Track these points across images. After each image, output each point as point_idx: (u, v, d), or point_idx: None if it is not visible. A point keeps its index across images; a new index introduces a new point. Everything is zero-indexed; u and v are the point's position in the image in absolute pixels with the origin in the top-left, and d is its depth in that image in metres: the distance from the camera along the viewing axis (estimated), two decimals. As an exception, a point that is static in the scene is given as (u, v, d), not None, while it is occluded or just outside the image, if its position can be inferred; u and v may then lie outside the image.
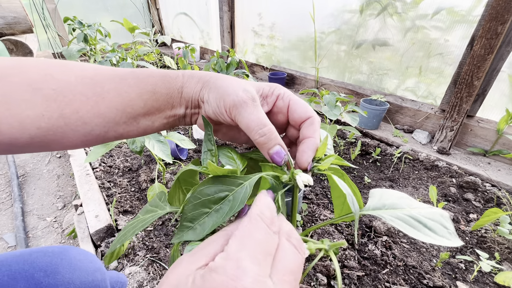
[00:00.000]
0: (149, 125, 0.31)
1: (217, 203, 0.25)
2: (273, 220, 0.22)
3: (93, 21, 2.21)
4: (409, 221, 0.29)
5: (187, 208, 0.25)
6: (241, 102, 0.27)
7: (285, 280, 0.19)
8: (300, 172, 0.28)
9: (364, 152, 1.47)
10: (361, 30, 1.74)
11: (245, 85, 0.29)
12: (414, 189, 1.21)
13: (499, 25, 1.13)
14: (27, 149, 0.27)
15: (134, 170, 1.35)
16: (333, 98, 1.18)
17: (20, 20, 2.21)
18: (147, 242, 0.94)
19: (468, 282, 0.83)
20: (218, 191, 0.26)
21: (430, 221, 0.29)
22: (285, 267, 0.19)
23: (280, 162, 0.28)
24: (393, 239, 0.95)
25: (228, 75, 0.31)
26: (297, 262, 0.20)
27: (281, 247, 0.21)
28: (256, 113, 0.28)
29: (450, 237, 0.27)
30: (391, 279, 0.82)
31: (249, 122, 0.27)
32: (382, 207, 0.32)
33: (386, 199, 0.33)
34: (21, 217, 1.21)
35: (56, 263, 0.45)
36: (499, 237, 0.95)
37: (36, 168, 1.60)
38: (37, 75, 0.26)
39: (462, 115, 1.34)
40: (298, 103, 0.31)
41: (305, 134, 0.30)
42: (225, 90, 0.28)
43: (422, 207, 0.31)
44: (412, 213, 0.30)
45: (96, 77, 0.28)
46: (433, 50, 1.47)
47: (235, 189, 0.25)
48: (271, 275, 0.18)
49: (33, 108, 0.25)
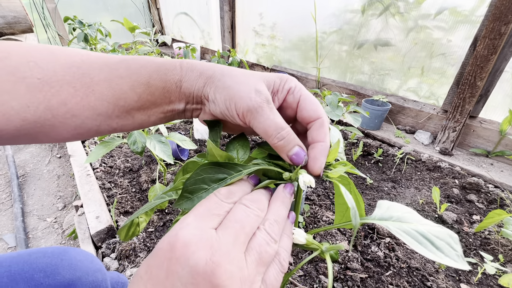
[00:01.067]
0: (145, 119, 0.30)
1: (216, 183, 0.28)
2: (228, 194, 0.25)
3: (93, 21, 2.20)
4: (416, 236, 0.28)
5: (189, 181, 0.28)
6: (255, 107, 0.26)
7: (227, 226, 0.22)
8: (303, 172, 0.28)
9: (366, 153, 1.47)
10: (363, 30, 1.73)
11: (256, 84, 0.27)
12: (417, 190, 1.21)
13: (503, 25, 1.12)
14: (15, 140, 0.26)
15: (135, 171, 1.34)
16: (335, 99, 1.17)
17: (20, 19, 2.20)
18: (148, 243, 0.94)
19: (472, 284, 0.82)
20: (218, 172, 0.28)
21: (438, 239, 0.28)
22: (229, 218, 0.23)
23: (300, 162, 0.28)
24: (396, 240, 0.94)
25: (232, 67, 0.29)
26: (243, 213, 0.23)
27: (232, 208, 0.24)
28: (273, 117, 0.27)
29: (457, 259, 0.27)
30: (395, 281, 0.81)
31: (266, 127, 0.26)
32: (389, 218, 0.31)
33: (394, 211, 0.32)
34: (21, 218, 1.20)
35: (56, 264, 0.44)
36: (503, 238, 0.94)
37: (36, 168, 1.59)
38: (19, 63, 0.24)
39: (465, 115, 1.33)
40: (308, 100, 0.29)
41: (316, 138, 0.28)
42: (236, 92, 0.27)
43: (431, 224, 0.31)
44: (420, 229, 0.29)
45: (83, 66, 0.26)
46: (435, 50, 1.46)
47: (234, 174, 0.28)
48: (217, 229, 0.22)
49: (16, 99, 0.24)
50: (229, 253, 0.20)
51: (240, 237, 0.22)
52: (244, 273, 0.20)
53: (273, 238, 0.23)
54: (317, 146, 0.28)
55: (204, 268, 0.18)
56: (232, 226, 0.22)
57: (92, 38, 1.99)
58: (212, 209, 0.23)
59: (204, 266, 0.18)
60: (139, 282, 0.20)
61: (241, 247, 0.21)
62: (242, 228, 0.22)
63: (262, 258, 0.22)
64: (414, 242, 0.27)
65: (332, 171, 0.30)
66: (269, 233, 0.23)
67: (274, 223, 0.24)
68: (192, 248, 0.19)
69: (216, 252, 0.19)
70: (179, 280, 0.18)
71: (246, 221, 0.23)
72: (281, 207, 0.26)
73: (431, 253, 0.27)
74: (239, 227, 0.22)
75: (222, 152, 0.29)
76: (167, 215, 1.06)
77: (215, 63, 1.10)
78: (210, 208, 0.23)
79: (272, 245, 0.23)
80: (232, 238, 0.21)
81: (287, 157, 0.28)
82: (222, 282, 0.18)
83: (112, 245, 0.93)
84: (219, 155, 0.29)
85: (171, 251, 0.19)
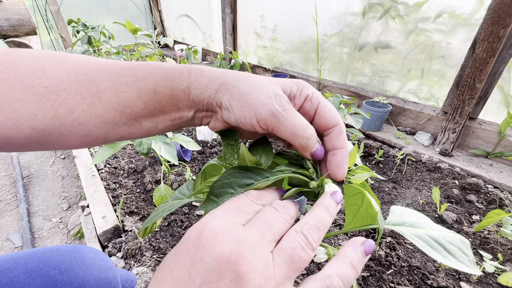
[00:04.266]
0: (153, 126, 0.29)
1: (242, 188, 0.27)
2: (259, 196, 0.25)
3: (95, 23, 2.22)
4: (429, 241, 0.29)
5: (216, 184, 0.28)
6: (279, 110, 0.26)
7: (255, 223, 0.22)
8: (329, 182, 0.29)
9: (367, 154, 1.49)
10: (363, 32, 1.75)
11: (273, 88, 0.27)
12: (417, 191, 1.22)
13: (501, 29, 1.14)
14: (26, 148, 0.27)
15: (139, 172, 1.36)
16: (337, 101, 1.19)
17: (24, 22, 2.23)
18: (153, 243, 0.95)
19: (472, 282, 0.84)
20: (245, 177, 0.28)
21: (450, 245, 0.29)
22: (258, 217, 0.23)
23: (321, 156, 0.29)
24: (397, 240, 0.96)
25: (246, 73, 0.29)
26: (272, 215, 0.23)
27: (262, 210, 0.24)
28: (299, 117, 0.27)
29: (469, 264, 0.28)
30: (396, 280, 0.83)
31: (295, 128, 0.26)
32: (402, 224, 0.32)
33: (407, 216, 0.33)
34: (26, 218, 1.22)
35: (69, 261, 0.46)
36: (502, 238, 0.96)
37: (40, 169, 1.61)
38: (28, 71, 0.25)
39: (464, 117, 1.35)
40: (326, 107, 0.29)
41: (336, 145, 0.29)
42: (255, 99, 0.26)
43: (443, 230, 0.32)
44: (433, 234, 0.30)
45: (90, 74, 0.26)
46: (435, 53, 1.48)
47: (261, 180, 0.28)
48: (245, 225, 0.22)
49: (25, 107, 0.24)
50: (255, 248, 0.20)
51: (267, 236, 0.21)
52: (269, 272, 0.20)
53: (310, 243, 0.22)
54: (339, 153, 0.28)
55: (228, 256, 0.18)
56: (260, 225, 0.22)
57: (95, 40, 2.01)
58: (241, 207, 0.23)
59: (228, 255, 0.18)
60: (166, 270, 0.20)
61: (267, 246, 0.21)
62: (270, 228, 0.22)
63: (293, 262, 0.21)
64: (428, 247, 0.28)
65: (355, 176, 0.31)
66: (307, 237, 0.22)
67: (315, 229, 0.23)
68: (218, 238, 0.19)
69: (241, 244, 0.19)
70: (203, 267, 0.19)
71: (274, 223, 0.22)
72: (326, 214, 0.25)
73: (444, 258, 0.27)
74: (266, 227, 0.22)
75: (253, 157, 0.29)
76: (172, 215, 1.08)
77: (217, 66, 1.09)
78: (239, 205, 0.23)
79: (308, 251, 0.21)
80: (259, 235, 0.21)
81: (310, 154, 0.28)
82: (246, 274, 0.18)
83: (118, 245, 0.94)
84: (249, 160, 0.29)
85: (198, 239, 0.20)
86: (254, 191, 0.26)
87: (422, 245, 0.28)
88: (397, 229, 0.31)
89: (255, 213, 0.23)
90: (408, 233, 0.30)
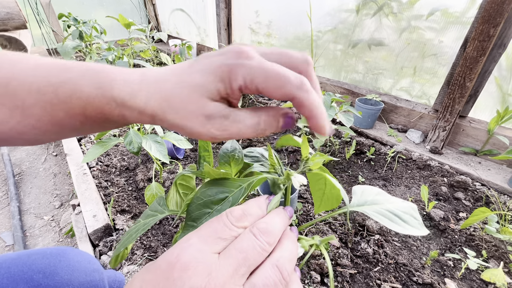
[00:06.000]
0: (103, 129, 0.27)
1: (218, 204, 0.27)
2: (240, 217, 0.24)
3: (87, 16, 2.18)
4: (387, 215, 0.32)
5: (191, 208, 0.27)
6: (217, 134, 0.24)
7: (230, 255, 0.21)
8: (294, 173, 0.30)
9: (358, 151, 1.50)
10: (357, 29, 1.75)
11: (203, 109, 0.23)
12: (407, 188, 1.24)
13: (492, 28, 1.15)
14: None
15: (131, 169, 1.36)
16: (329, 99, 1.19)
17: (13, 15, 2.18)
18: (144, 241, 0.96)
19: (456, 279, 0.86)
20: (218, 193, 0.28)
21: (404, 214, 0.33)
22: (234, 246, 0.22)
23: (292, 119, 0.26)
24: (385, 237, 0.98)
25: (161, 78, 0.24)
26: (250, 243, 0.22)
27: (241, 235, 0.23)
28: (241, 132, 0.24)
29: (419, 227, 0.31)
30: (382, 277, 0.85)
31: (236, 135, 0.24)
32: (364, 203, 0.35)
33: (368, 195, 0.36)
34: (18, 216, 1.21)
35: (54, 265, 0.46)
36: (487, 235, 0.98)
37: (32, 166, 1.60)
38: None
39: (455, 115, 1.37)
40: (266, 84, 0.22)
41: (306, 113, 0.24)
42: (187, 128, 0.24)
43: (397, 201, 0.35)
44: (389, 207, 0.34)
45: (11, 85, 0.23)
46: (427, 51, 1.49)
47: (234, 190, 0.28)
48: (220, 253, 0.21)
49: None
50: (225, 284, 0.19)
51: (241, 268, 0.21)
52: None
53: (285, 279, 0.22)
54: (313, 117, 0.24)
55: None
56: (235, 256, 0.21)
57: (87, 35, 1.98)
58: (219, 232, 0.22)
59: None
60: None
61: (239, 280, 0.20)
62: (245, 260, 0.21)
63: None
64: (387, 221, 0.31)
65: (313, 163, 0.32)
66: (282, 272, 0.22)
67: (288, 262, 0.22)
68: (190, 272, 0.19)
69: (212, 281, 0.19)
70: None
71: (251, 253, 0.21)
72: (294, 244, 0.25)
73: (401, 227, 0.31)
74: (242, 258, 0.21)
75: (218, 171, 0.29)
76: (163, 214, 1.08)
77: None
78: (217, 230, 0.22)
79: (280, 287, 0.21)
80: (233, 269, 0.20)
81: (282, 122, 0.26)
82: None
83: (109, 243, 0.95)
84: (216, 174, 0.29)
85: (169, 272, 0.19)
86: (237, 209, 0.24)
87: (383, 220, 0.31)
88: (360, 209, 0.33)
89: (234, 238, 0.22)
90: (370, 212, 0.32)
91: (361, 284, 0.83)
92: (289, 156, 1.46)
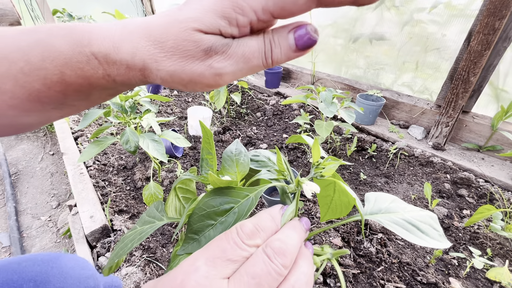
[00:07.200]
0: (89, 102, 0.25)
1: (222, 215, 0.25)
2: (252, 234, 0.21)
3: (83, 12, 2.14)
4: (404, 225, 0.30)
5: (192, 219, 0.25)
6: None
7: (242, 281, 0.19)
8: (306, 180, 0.27)
9: (360, 148, 1.48)
10: (358, 23, 1.71)
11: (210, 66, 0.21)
12: (409, 185, 1.22)
13: (497, 21, 1.12)
14: None
15: (129, 168, 1.33)
16: (330, 95, 1.16)
17: (7, 12, 2.14)
18: (143, 242, 0.94)
19: (461, 278, 0.84)
20: (223, 203, 0.25)
21: (422, 224, 0.30)
22: (247, 270, 0.20)
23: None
24: (388, 236, 0.96)
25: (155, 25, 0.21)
26: (264, 268, 0.20)
27: (253, 256, 0.21)
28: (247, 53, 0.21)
29: (440, 239, 0.29)
30: (386, 277, 0.83)
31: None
32: (378, 212, 0.33)
33: (382, 202, 0.34)
34: (14, 217, 1.19)
35: (46, 272, 0.44)
36: (491, 233, 0.96)
37: (28, 166, 1.57)
38: None
39: (458, 111, 1.34)
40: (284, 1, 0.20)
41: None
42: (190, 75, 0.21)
43: (414, 210, 0.33)
44: (406, 216, 0.31)
45: None
46: (430, 45, 1.46)
47: (241, 201, 0.25)
48: (230, 278, 0.19)
49: None
50: None
51: None
52: None
53: None
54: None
55: None
56: (247, 283, 0.19)
57: (82, 31, 1.94)
58: (228, 253, 0.20)
59: None
60: None
61: None
62: (258, 286, 0.19)
63: None
64: (404, 231, 0.29)
65: (325, 169, 0.29)
66: None
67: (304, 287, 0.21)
68: None
69: None
70: None
71: (264, 279, 0.19)
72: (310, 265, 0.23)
73: (419, 239, 0.28)
74: (254, 285, 0.19)
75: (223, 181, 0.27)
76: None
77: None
78: (226, 250, 0.20)
79: None
80: None
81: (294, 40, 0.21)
82: None
83: (107, 244, 0.93)
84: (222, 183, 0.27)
85: None
86: (249, 223, 0.22)
87: (399, 231, 0.29)
88: (373, 218, 0.31)
89: (245, 259, 0.20)
90: (384, 221, 0.30)
91: (364, 285, 0.82)
92: (290, 153, 1.44)
